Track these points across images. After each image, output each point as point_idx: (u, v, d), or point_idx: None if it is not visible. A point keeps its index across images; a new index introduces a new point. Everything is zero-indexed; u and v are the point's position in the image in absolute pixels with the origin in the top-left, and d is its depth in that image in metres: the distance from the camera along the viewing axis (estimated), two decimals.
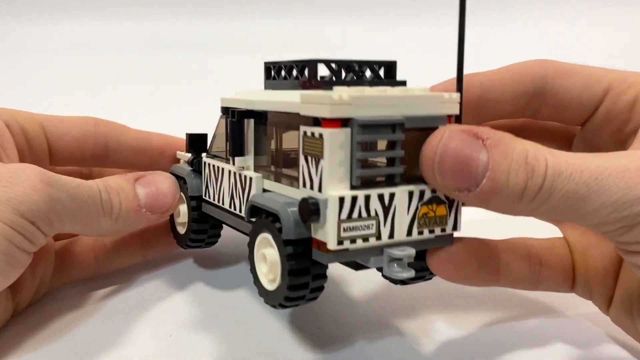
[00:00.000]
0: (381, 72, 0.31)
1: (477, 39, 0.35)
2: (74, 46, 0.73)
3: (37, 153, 0.37)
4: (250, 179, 0.31)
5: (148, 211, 0.35)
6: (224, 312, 0.37)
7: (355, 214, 0.26)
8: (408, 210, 0.27)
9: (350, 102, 0.25)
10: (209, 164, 0.37)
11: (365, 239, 0.26)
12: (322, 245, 0.26)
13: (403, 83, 0.31)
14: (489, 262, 0.31)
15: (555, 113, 0.33)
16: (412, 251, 0.27)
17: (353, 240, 0.26)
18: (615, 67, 0.32)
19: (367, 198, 0.26)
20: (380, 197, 0.26)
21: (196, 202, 0.38)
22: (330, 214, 0.25)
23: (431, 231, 0.28)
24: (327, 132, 0.25)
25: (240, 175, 0.32)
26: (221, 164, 0.35)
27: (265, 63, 0.33)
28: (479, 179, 0.25)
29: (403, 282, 0.33)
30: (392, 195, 0.26)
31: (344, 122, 0.25)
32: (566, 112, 0.33)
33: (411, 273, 0.27)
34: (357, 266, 0.30)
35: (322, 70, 0.30)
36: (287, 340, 0.35)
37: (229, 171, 0.34)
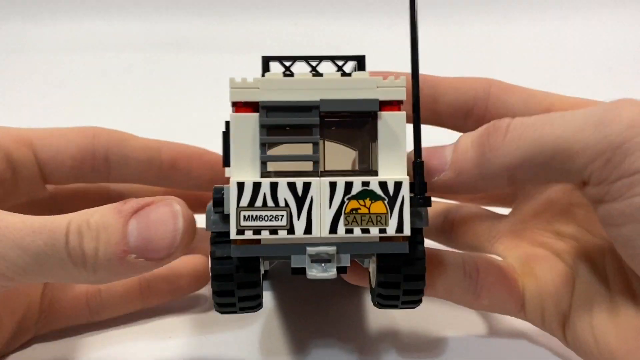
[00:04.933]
0: (348, 67, 0.29)
1: (478, 39, 0.32)
2: (74, 46, 0.71)
3: (24, 176, 0.33)
4: None
5: (140, 257, 0.25)
6: (226, 348, 0.35)
7: (258, 202, 0.24)
8: (330, 203, 0.24)
9: (257, 86, 0.24)
10: None
11: (274, 231, 0.24)
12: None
13: None
14: None
15: None
16: (330, 248, 0.24)
17: (257, 232, 0.24)
18: (615, 68, 0.28)
19: (274, 186, 0.24)
20: (292, 186, 0.24)
21: None
22: (231, 201, 0.24)
23: (365, 230, 0.24)
24: (232, 116, 0.25)
25: None
26: None
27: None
28: (447, 159, 0.27)
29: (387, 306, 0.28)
30: (307, 185, 0.24)
31: (255, 107, 0.25)
32: None
33: (327, 274, 0.24)
34: (294, 271, 0.27)
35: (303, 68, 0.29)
36: (287, 342, 0.34)
37: None
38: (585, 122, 0.24)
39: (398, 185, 0.24)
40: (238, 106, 0.25)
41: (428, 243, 0.38)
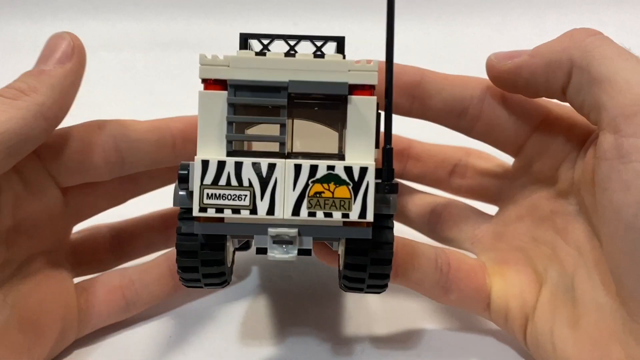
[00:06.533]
0: (329, 49, 0.28)
1: (477, 38, 0.32)
2: None
3: (32, 179, 0.31)
4: None
5: (55, 65, 0.30)
6: (224, 313, 0.37)
7: (222, 181, 0.24)
8: (294, 186, 0.24)
9: (227, 63, 0.24)
10: None
11: (237, 210, 0.24)
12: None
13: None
14: None
15: (489, 131, 0.33)
16: (291, 230, 0.24)
17: (220, 210, 0.24)
18: None
19: (239, 165, 0.24)
20: (256, 167, 0.24)
21: None
22: (195, 178, 0.24)
23: (327, 214, 0.24)
24: (201, 93, 0.24)
25: None
26: None
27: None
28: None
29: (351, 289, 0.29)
30: (271, 166, 0.24)
31: (225, 85, 0.24)
32: (501, 134, 0.33)
33: (287, 256, 0.24)
34: (258, 250, 0.27)
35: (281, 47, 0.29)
36: (287, 342, 0.34)
37: None
38: (558, 44, 0.29)
39: (363, 170, 0.24)
40: (208, 83, 0.24)
41: (406, 232, 0.39)
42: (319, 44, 0.28)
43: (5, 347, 0.28)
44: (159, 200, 0.38)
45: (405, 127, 0.36)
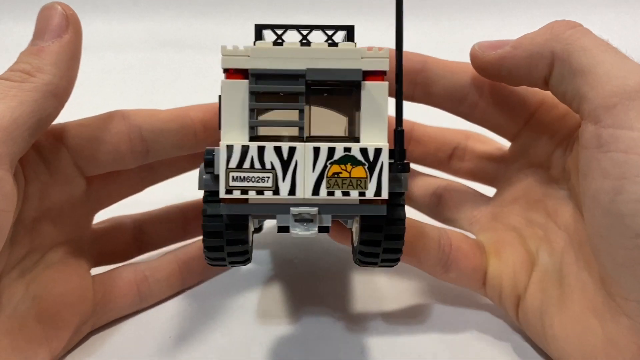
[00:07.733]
0: (338, 37, 0.30)
1: (477, 37, 0.34)
2: None
3: (59, 170, 0.32)
4: None
5: (52, 40, 0.29)
6: (224, 313, 0.37)
7: (246, 164, 0.25)
8: (314, 167, 0.26)
9: (248, 54, 0.26)
10: None
11: (260, 191, 0.25)
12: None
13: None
14: None
15: (487, 117, 0.35)
16: (312, 209, 0.25)
17: (245, 191, 0.25)
18: None
19: (261, 149, 0.25)
20: (278, 150, 0.25)
21: None
22: (220, 162, 0.25)
23: (345, 193, 0.26)
24: (223, 82, 0.26)
25: None
26: None
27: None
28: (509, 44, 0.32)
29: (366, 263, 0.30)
30: (292, 150, 0.25)
31: (246, 74, 0.26)
32: (499, 119, 0.35)
33: (309, 232, 0.25)
34: (280, 229, 0.29)
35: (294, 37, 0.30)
36: (288, 341, 0.34)
37: None
38: (539, 36, 0.30)
39: (378, 151, 0.26)
40: (229, 73, 0.26)
41: (413, 214, 0.40)
42: (329, 32, 0.29)
43: (23, 338, 0.29)
44: (174, 188, 0.40)
45: (408, 110, 0.37)
